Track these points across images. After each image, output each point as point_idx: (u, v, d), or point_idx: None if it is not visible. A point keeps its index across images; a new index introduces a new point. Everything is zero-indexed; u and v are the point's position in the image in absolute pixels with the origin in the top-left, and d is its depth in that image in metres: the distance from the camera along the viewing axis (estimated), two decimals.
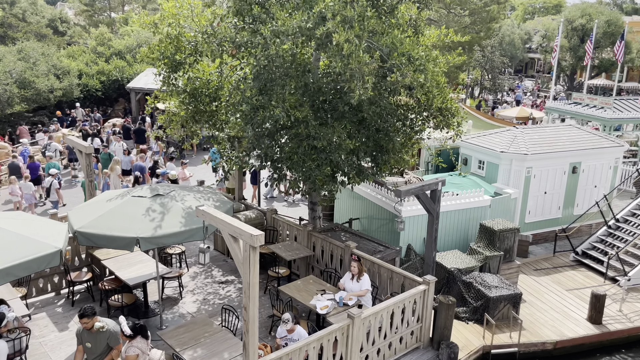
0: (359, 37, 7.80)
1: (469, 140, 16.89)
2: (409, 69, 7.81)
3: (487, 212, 14.42)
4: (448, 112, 10.06)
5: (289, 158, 8.81)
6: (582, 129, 17.45)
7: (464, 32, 31.32)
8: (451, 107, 10.07)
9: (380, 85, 8.76)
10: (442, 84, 9.68)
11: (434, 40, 10.31)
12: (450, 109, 10.02)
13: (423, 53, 8.33)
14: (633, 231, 14.76)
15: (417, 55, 8.16)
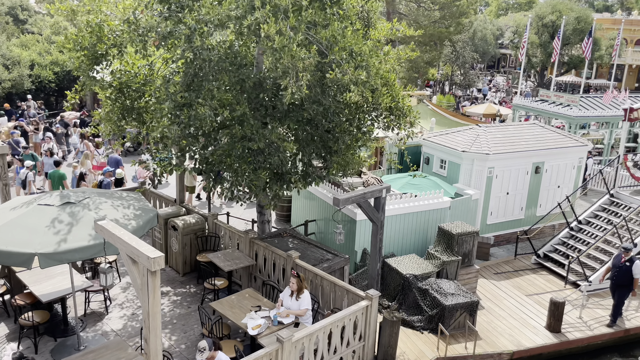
0: (295, 29, 7.02)
1: (430, 138, 16.32)
2: (350, 66, 7.07)
3: (447, 214, 13.86)
4: (399, 111, 9.37)
5: (221, 161, 8.01)
6: (546, 127, 17.05)
7: (433, 26, 30.83)
8: (402, 106, 9.38)
9: (324, 82, 8.01)
10: (392, 81, 8.98)
11: (385, 34, 9.59)
12: (401, 108, 9.33)
13: (366, 48, 7.60)
14: (595, 233, 14.41)
15: (359, 50, 7.43)
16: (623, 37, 51.72)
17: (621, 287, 11.44)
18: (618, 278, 11.43)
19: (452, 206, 13.96)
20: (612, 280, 11.62)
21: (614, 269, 11.59)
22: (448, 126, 19.11)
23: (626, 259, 11.35)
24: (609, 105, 21.76)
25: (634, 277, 11.27)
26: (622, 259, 11.43)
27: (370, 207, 8.39)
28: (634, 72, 54.99)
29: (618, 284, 11.47)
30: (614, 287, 11.61)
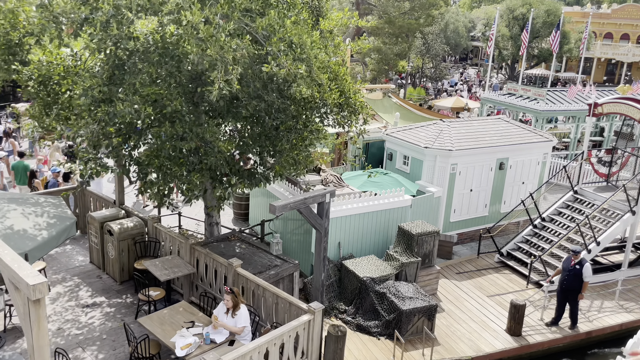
0: (227, 17, 6.31)
1: (393, 134, 15.79)
2: (288, 58, 6.41)
3: (409, 212, 13.37)
4: (350, 107, 8.75)
5: (149, 163, 7.28)
6: (511, 122, 16.70)
7: (403, 18, 30.31)
8: (354, 102, 8.76)
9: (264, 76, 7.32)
10: (342, 75, 8.35)
11: (336, 24, 8.92)
12: (352, 104, 8.71)
13: (308, 39, 6.93)
14: (558, 231, 14.12)
15: (299, 41, 6.76)
16: (592, 31, 52.18)
17: (573, 291, 11.01)
18: (569, 282, 10.98)
19: (414, 204, 13.48)
20: (563, 284, 11.12)
21: (564, 273, 11.14)
22: (414, 121, 18.63)
23: (576, 262, 10.92)
24: (575, 100, 21.60)
25: (583, 280, 10.87)
26: (572, 262, 10.97)
27: (312, 213, 7.72)
28: (602, 65, 55.66)
29: (569, 289, 11.02)
30: (565, 291, 11.11)
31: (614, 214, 13.59)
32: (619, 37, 55.95)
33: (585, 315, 11.94)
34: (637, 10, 56.23)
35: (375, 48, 31.10)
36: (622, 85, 18.68)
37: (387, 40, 32.35)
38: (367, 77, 31.68)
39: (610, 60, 54.66)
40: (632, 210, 13.16)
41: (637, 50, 53.40)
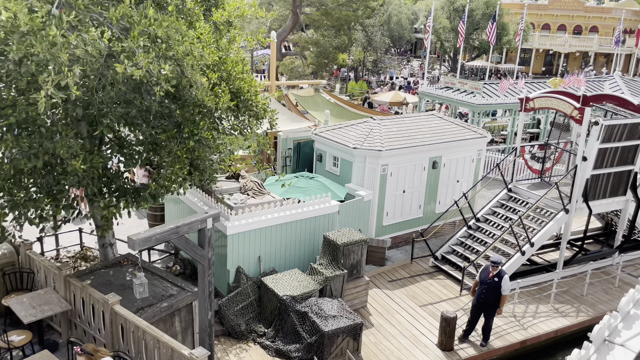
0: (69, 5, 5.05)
1: (322, 133, 14.81)
2: (148, 56, 5.24)
3: (336, 219, 12.44)
4: (250, 111, 7.65)
5: None
6: (445, 119, 16.06)
7: (339, 9, 29.38)
8: (254, 104, 7.66)
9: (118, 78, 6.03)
10: (237, 75, 7.22)
11: (230, 15, 7.75)
12: (251, 107, 7.61)
13: (178, 34, 5.76)
14: (492, 232, 13.57)
15: (164, 34, 5.59)
16: (530, 22, 53.16)
17: (490, 305, 10.14)
18: (487, 296, 10.08)
19: (342, 210, 12.56)
20: (480, 297, 10.17)
21: (481, 285, 10.21)
22: (347, 118, 17.73)
23: (494, 274, 10.08)
24: (507, 94, 21.33)
25: (502, 293, 10.04)
26: (490, 274, 10.11)
27: (189, 244, 6.48)
28: (541, 56, 56.92)
29: (486, 302, 10.13)
30: (481, 305, 10.19)
31: (548, 213, 13.16)
32: (556, 28, 57.39)
33: (520, 322, 11.40)
34: (573, 2, 57.80)
35: (313, 41, 30.07)
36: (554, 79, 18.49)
37: (326, 33, 31.36)
38: (306, 72, 30.63)
39: (548, 51, 55.98)
40: (565, 209, 12.74)
41: (573, 41, 54.92)
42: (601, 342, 5.04)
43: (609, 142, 12.48)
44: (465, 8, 45.54)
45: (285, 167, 16.79)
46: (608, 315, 5.10)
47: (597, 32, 55.91)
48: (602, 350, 4.92)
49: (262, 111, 7.93)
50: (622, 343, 5.03)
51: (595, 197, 13.07)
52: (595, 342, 5.04)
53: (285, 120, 16.06)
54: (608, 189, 13.20)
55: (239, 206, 11.13)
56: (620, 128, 12.46)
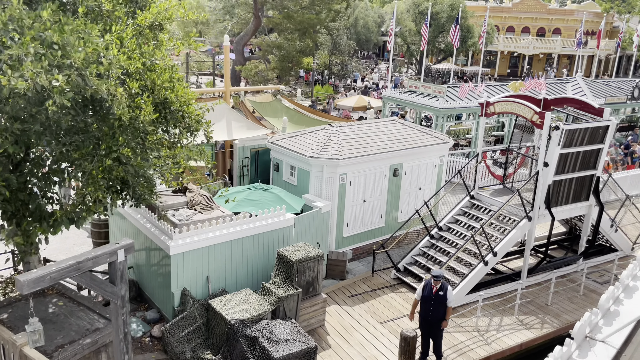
0: None
1: (278, 141, 14.14)
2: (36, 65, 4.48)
3: (292, 233, 11.77)
4: (181, 124, 6.92)
5: None
6: (405, 124, 15.59)
7: (302, 12, 28.80)
8: (185, 115, 6.93)
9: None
10: (161, 84, 6.48)
11: (156, 17, 6.97)
12: (181, 119, 6.88)
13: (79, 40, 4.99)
14: (455, 241, 13.11)
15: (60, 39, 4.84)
16: (495, 25, 53.69)
17: (439, 322, 9.65)
18: (435, 311, 9.60)
19: (298, 223, 11.90)
20: (428, 315, 9.67)
21: (427, 303, 9.69)
22: (307, 125, 17.10)
23: (438, 288, 9.61)
24: (467, 98, 21.07)
25: (447, 305, 9.62)
26: (434, 289, 9.62)
27: (96, 281, 5.59)
28: (506, 58, 57.56)
29: (435, 320, 9.64)
30: (430, 323, 9.69)
31: (511, 221, 12.77)
32: (520, 31, 58.15)
33: (484, 337, 10.93)
34: (536, 4, 58.68)
35: (276, 45, 29.39)
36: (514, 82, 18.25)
37: (290, 36, 30.73)
38: (270, 76, 29.92)
39: (513, 53, 56.63)
40: (528, 216, 12.37)
41: (537, 43, 55.71)
42: (582, 338, 4.97)
43: (570, 146, 12.17)
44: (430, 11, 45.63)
45: (242, 177, 16.06)
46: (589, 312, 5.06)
47: (560, 34, 56.86)
48: (583, 347, 4.86)
49: (194, 123, 7.22)
50: (603, 339, 4.98)
51: (558, 204, 12.76)
52: (576, 339, 4.95)
53: (240, 128, 15.33)
54: (571, 194, 12.91)
55: (184, 223, 10.36)
56: (581, 132, 12.17)
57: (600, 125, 12.43)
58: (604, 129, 12.53)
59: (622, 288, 5.54)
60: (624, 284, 5.56)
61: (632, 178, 19.72)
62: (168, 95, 6.48)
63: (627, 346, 4.84)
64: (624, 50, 54.32)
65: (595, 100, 24.21)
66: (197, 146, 7.80)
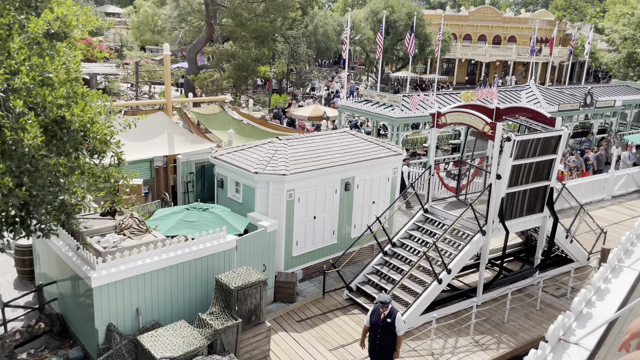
0: None
1: (222, 156, 13.30)
2: None
3: (234, 256, 10.94)
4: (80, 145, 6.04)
5: None
6: (357, 136, 15.01)
7: (256, 20, 28.06)
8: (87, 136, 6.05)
9: None
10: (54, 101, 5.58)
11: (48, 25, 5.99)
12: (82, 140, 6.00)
13: None
14: (409, 258, 12.54)
15: None
16: (452, 33, 54.28)
17: (389, 350, 9.08)
18: (382, 340, 9.02)
19: (241, 245, 11.09)
20: (375, 344, 9.09)
21: (374, 330, 9.12)
22: (257, 137, 16.30)
23: (386, 315, 9.01)
24: (419, 108, 20.73)
25: (397, 334, 9.04)
26: (382, 315, 9.03)
27: None
28: (464, 66, 58.27)
29: (385, 347, 9.06)
30: (378, 352, 9.10)
31: (465, 235, 12.31)
32: (477, 39, 59.02)
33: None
34: (491, 12, 59.74)
35: (230, 53, 28.51)
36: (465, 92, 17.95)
37: (245, 44, 29.91)
38: (224, 85, 29.00)
39: (471, 60, 57.38)
40: (482, 230, 11.92)
41: (493, 51, 56.60)
42: (556, 341, 4.99)
43: (522, 158, 11.80)
44: (388, 19, 45.67)
45: (187, 194, 15.13)
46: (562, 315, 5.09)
47: (515, 42, 57.98)
48: (557, 350, 4.87)
49: (99, 144, 6.34)
50: (577, 342, 4.97)
51: (512, 216, 12.37)
52: (550, 342, 4.95)
53: (183, 142, 14.42)
54: (525, 206, 12.55)
55: (109, 251, 9.39)
56: (533, 143, 11.82)
57: (553, 135, 12.13)
58: (556, 139, 12.24)
59: (594, 290, 5.50)
60: (595, 286, 5.54)
61: (587, 185, 19.74)
62: (63, 113, 5.59)
63: (599, 348, 4.84)
64: (577, 57, 55.78)
65: (548, 108, 24.36)
66: (105, 169, 6.88)
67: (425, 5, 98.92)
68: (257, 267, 11.53)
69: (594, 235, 14.99)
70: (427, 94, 22.04)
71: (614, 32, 43.32)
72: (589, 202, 19.73)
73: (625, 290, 5.53)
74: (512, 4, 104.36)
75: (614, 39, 43.59)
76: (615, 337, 5.04)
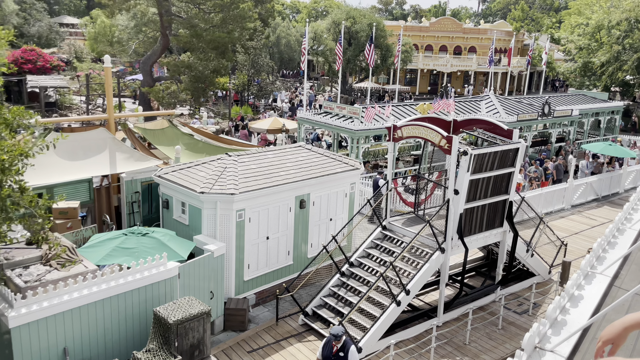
0: None
1: (166, 175, 12.45)
2: None
3: (176, 285, 10.10)
4: None
5: None
6: (313, 150, 14.40)
7: (212, 31, 27.28)
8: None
9: None
10: None
11: None
12: None
13: None
14: (367, 279, 11.94)
15: None
16: (413, 43, 54.68)
17: None
18: None
19: (184, 273, 10.25)
20: None
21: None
22: (208, 153, 15.47)
23: (339, 348, 8.44)
24: (386, 118, 20.34)
25: None
26: (334, 349, 8.47)
27: None
28: (426, 76, 58.72)
29: None
30: None
31: (424, 253, 11.80)
32: (438, 49, 59.65)
33: None
34: (451, 23, 60.55)
35: (185, 65, 27.60)
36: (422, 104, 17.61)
37: (202, 56, 29.04)
38: (180, 97, 28.02)
39: (432, 71, 57.88)
40: (440, 248, 11.44)
41: (454, 61, 57.27)
42: (532, 349, 5.01)
43: (480, 172, 11.40)
44: (350, 30, 45.58)
45: (132, 215, 14.18)
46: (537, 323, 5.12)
47: (475, 52, 58.85)
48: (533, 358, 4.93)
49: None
50: (552, 349, 5.01)
51: (471, 232, 11.94)
52: (526, 350, 4.96)
53: (127, 160, 13.49)
54: (484, 222, 12.15)
55: (31, 285, 8.43)
56: (491, 156, 11.45)
57: (510, 148, 11.79)
58: (514, 152, 11.91)
59: (568, 297, 5.56)
60: (569, 293, 5.59)
61: (546, 195, 19.67)
62: None
63: (574, 354, 4.91)
64: (535, 67, 56.99)
65: (508, 118, 24.38)
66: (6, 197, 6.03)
67: (388, 17, 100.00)
68: (204, 296, 10.71)
69: (554, 247, 14.77)
70: (384, 105, 21.65)
71: (570, 42, 44.35)
72: (549, 212, 19.66)
73: (598, 296, 5.57)
74: (473, 15, 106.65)
75: (569, 49, 44.62)
76: (590, 344, 5.04)
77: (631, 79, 40.28)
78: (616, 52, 35.97)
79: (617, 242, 7.11)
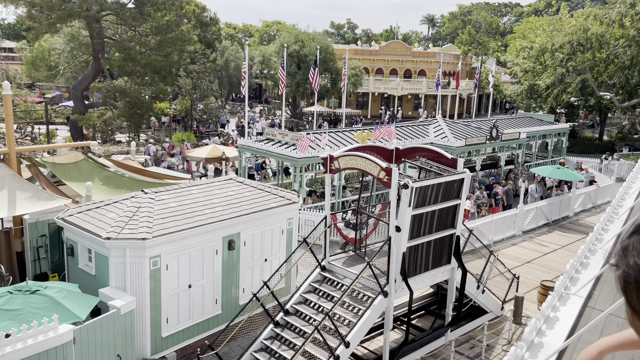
0: None
1: (70, 217, 10.82)
2: None
3: (72, 353, 8.44)
4: None
5: None
6: (245, 184, 13.08)
7: (147, 54, 25.75)
8: None
9: None
10: None
11: None
12: None
13: None
14: (303, 329, 10.58)
15: None
16: (364, 67, 54.60)
17: None
18: None
19: (81, 337, 8.63)
20: None
21: None
22: (128, 189, 13.84)
23: None
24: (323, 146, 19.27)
25: None
26: None
27: None
28: (377, 100, 58.66)
29: None
30: None
31: (365, 297, 10.60)
32: (389, 72, 59.87)
33: None
34: (401, 47, 61.08)
35: (119, 90, 25.87)
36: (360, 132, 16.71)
37: (139, 80, 27.40)
38: (115, 124, 26.20)
39: (384, 94, 57.91)
40: (383, 291, 10.27)
41: (405, 84, 57.54)
42: None
43: (423, 206, 10.38)
44: (298, 53, 44.91)
45: (39, 261, 12.35)
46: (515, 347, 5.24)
47: (425, 76, 59.41)
48: None
49: None
50: None
51: (416, 272, 10.88)
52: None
53: (29, 199, 11.76)
54: (430, 260, 11.11)
55: None
56: (434, 189, 10.47)
57: (455, 179, 10.87)
58: (459, 183, 10.99)
59: (544, 319, 5.64)
60: (544, 315, 5.67)
61: (497, 222, 19.01)
62: None
63: None
64: (483, 90, 57.96)
65: (456, 142, 23.86)
66: None
67: (340, 41, 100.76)
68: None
69: (506, 280, 13.91)
70: (319, 132, 20.62)
71: (516, 65, 45.18)
72: (500, 239, 18.99)
73: (572, 317, 5.67)
74: (423, 40, 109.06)
75: (515, 72, 45.43)
76: None
77: (575, 101, 41.19)
78: (560, 74, 36.65)
79: (590, 262, 7.01)
